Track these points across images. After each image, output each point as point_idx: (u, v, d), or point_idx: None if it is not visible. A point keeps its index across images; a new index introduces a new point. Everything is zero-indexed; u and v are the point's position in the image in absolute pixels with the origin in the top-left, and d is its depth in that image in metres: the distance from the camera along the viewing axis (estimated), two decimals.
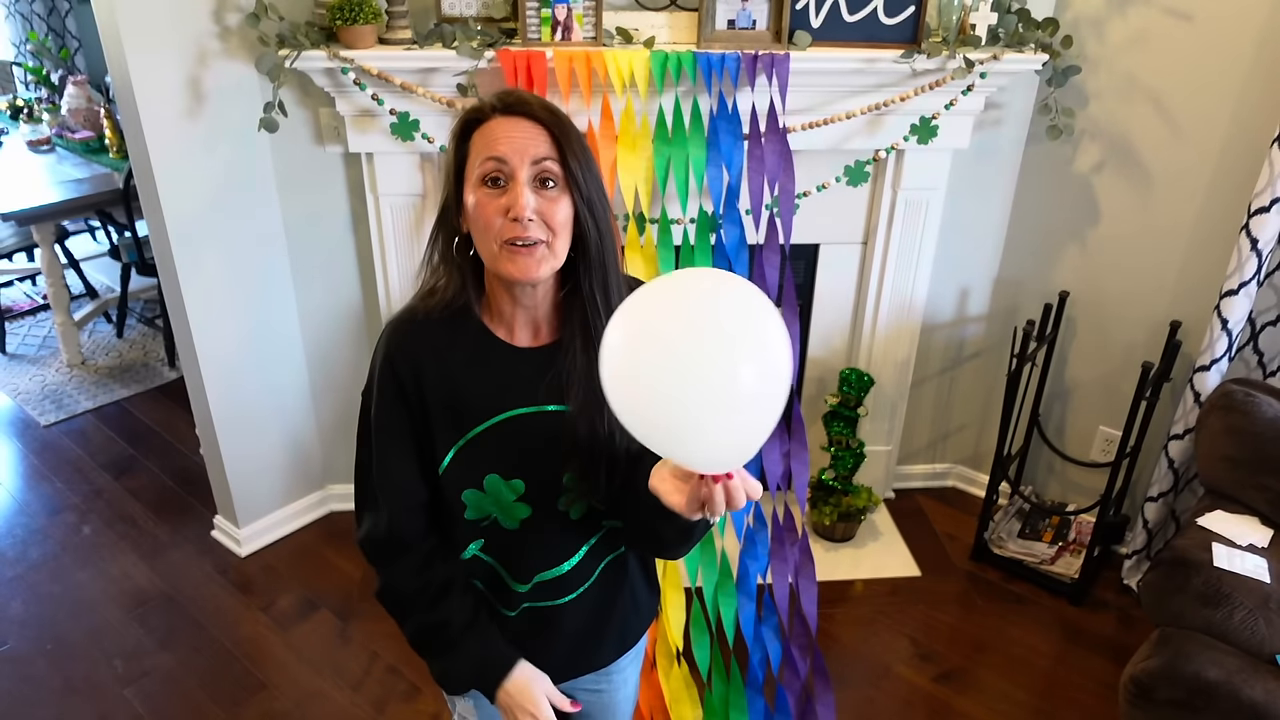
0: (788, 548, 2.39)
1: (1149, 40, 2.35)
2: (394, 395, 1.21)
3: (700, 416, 0.90)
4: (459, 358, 1.20)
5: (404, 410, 1.21)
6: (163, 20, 2.15)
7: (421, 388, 1.20)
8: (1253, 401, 2.17)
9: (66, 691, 2.34)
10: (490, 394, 1.20)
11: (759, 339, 0.90)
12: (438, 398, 1.20)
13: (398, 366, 1.20)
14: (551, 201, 1.12)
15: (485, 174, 1.12)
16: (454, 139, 1.16)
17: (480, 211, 1.12)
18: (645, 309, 0.93)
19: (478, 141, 1.13)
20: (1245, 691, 1.75)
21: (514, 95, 1.15)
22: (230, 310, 2.53)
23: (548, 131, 1.12)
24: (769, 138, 2.29)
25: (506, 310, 1.21)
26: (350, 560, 2.77)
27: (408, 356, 1.20)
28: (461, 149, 1.15)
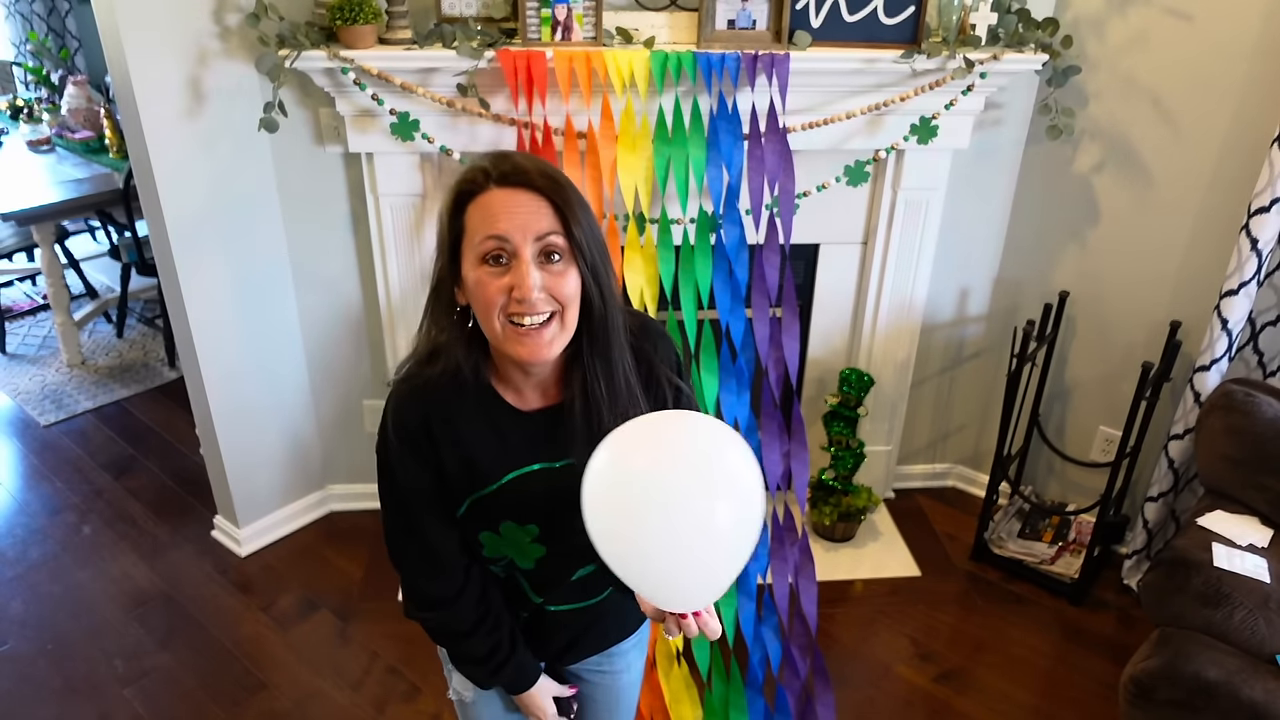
0: (788, 548, 2.39)
1: (1149, 40, 2.35)
2: (413, 456, 1.20)
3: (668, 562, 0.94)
4: (467, 422, 1.19)
5: (426, 475, 1.21)
6: (163, 20, 2.15)
7: (436, 447, 1.19)
8: (1253, 401, 2.17)
9: (66, 691, 2.34)
10: (500, 455, 1.20)
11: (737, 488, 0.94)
12: (451, 457, 1.19)
13: (411, 430, 1.19)
14: (558, 276, 1.08)
15: (486, 253, 1.07)
16: (447, 210, 1.11)
17: (482, 290, 1.08)
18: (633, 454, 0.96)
19: (475, 216, 1.08)
20: (1245, 691, 1.75)
21: (510, 163, 1.08)
22: (230, 310, 2.53)
23: (549, 202, 1.07)
24: (769, 138, 2.29)
25: (517, 379, 1.20)
26: (350, 560, 2.77)
27: (419, 421, 1.18)
28: (456, 222, 1.10)
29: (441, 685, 2.34)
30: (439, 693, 2.34)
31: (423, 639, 2.46)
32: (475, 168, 1.10)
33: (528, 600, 1.35)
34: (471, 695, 1.48)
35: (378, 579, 2.70)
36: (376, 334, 2.69)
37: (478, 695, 1.47)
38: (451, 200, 1.10)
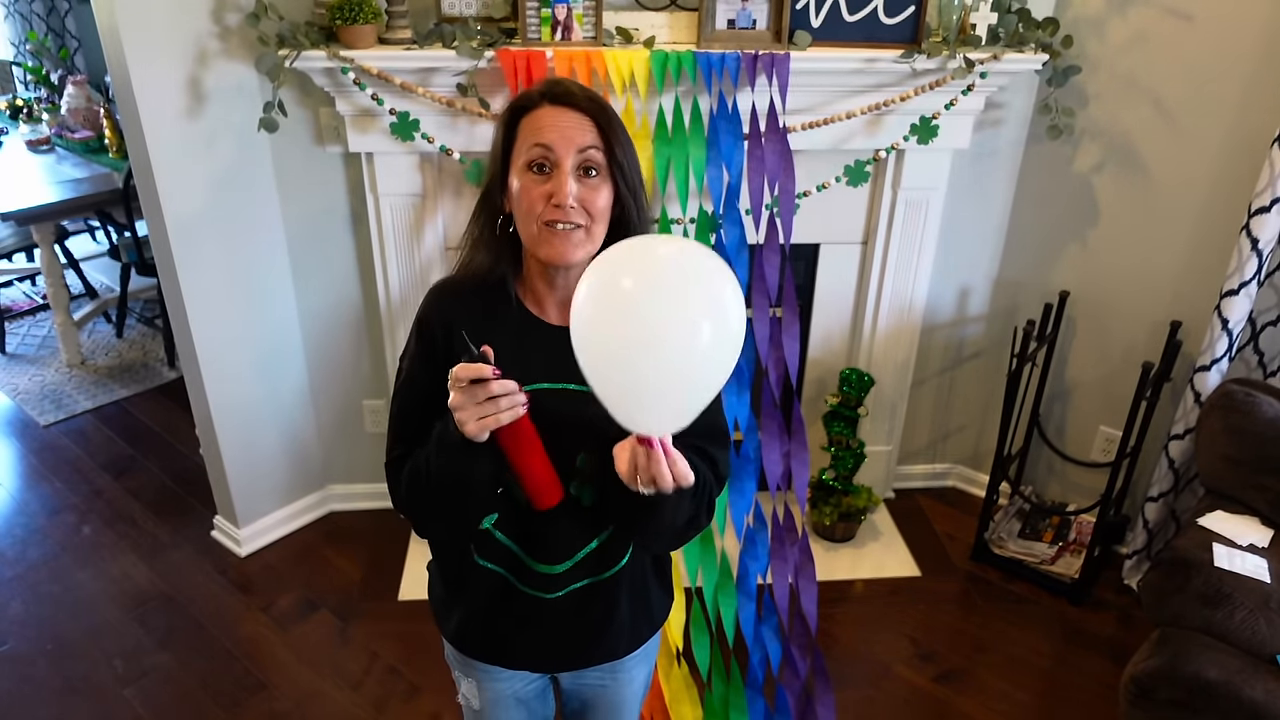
0: (788, 548, 2.39)
1: (1149, 40, 2.35)
2: (424, 355, 1.25)
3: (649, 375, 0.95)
4: (491, 327, 1.22)
5: (429, 370, 1.24)
6: (162, 20, 2.15)
7: (450, 349, 1.21)
8: (1253, 401, 2.17)
9: (66, 691, 2.34)
10: (516, 366, 1.19)
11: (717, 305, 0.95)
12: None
13: (433, 328, 1.24)
14: (593, 190, 1.17)
15: (531, 160, 1.16)
16: (501, 124, 1.21)
17: (524, 195, 1.17)
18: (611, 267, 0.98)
19: (525, 128, 1.18)
20: (1245, 692, 1.75)
21: (561, 85, 1.19)
22: (230, 310, 2.52)
23: (593, 121, 1.17)
24: (769, 138, 2.29)
25: (541, 288, 1.26)
26: (350, 560, 2.77)
27: (443, 320, 1.23)
28: (509, 134, 1.19)
29: (441, 685, 2.34)
30: (439, 692, 2.33)
31: (422, 639, 2.47)
32: (529, 90, 1.21)
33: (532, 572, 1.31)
34: (479, 703, 1.46)
35: (378, 579, 2.70)
36: (376, 334, 2.69)
37: (485, 703, 1.46)
38: (506, 114, 1.20)
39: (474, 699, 1.47)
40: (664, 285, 0.95)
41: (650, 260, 0.99)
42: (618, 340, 0.96)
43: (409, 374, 1.28)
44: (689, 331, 0.94)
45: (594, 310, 0.97)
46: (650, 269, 0.97)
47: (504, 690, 1.46)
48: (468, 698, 1.48)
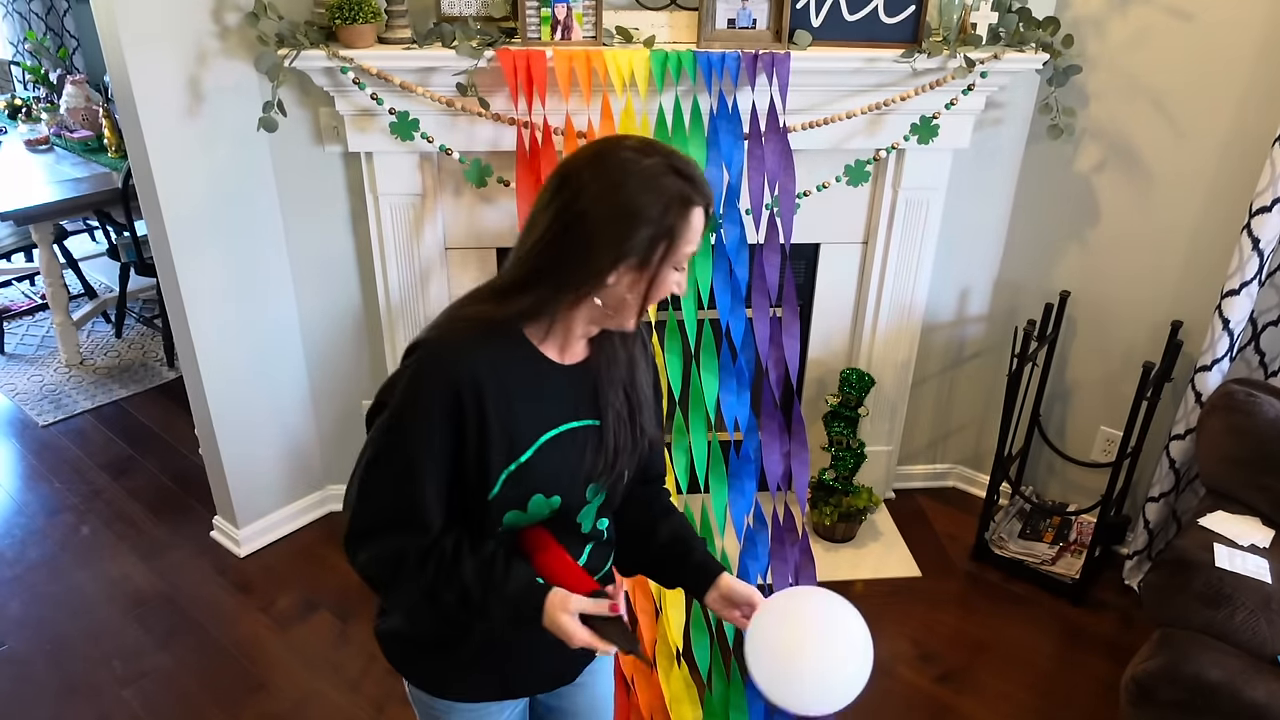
0: (788, 548, 2.39)
1: (1150, 40, 2.35)
2: (446, 420, 1.14)
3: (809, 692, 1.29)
4: (513, 378, 1.17)
5: (454, 438, 1.15)
6: (161, 19, 2.14)
7: (483, 412, 1.14)
8: (1254, 401, 2.17)
9: (66, 692, 2.33)
10: (539, 413, 1.20)
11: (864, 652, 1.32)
12: (497, 422, 1.15)
13: (462, 391, 1.12)
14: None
15: (681, 261, 1.17)
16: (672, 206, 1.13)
17: (662, 285, 1.17)
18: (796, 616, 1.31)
19: (691, 228, 1.15)
20: (1247, 692, 1.75)
21: (710, 195, 1.18)
22: (229, 310, 2.52)
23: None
24: (769, 137, 2.29)
25: (571, 334, 1.22)
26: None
27: (471, 380, 1.13)
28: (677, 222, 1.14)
29: None
30: None
31: None
32: (696, 179, 1.15)
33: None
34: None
35: None
36: (376, 334, 2.69)
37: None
38: (677, 204, 1.13)
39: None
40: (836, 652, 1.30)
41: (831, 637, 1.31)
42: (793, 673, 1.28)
43: (413, 457, 1.14)
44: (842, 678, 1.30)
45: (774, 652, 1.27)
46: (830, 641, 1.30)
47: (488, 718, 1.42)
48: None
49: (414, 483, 1.16)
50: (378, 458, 1.17)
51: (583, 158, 1.15)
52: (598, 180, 1.12)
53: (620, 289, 1.16)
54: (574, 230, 1.12)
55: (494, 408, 1.14)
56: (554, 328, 1.21)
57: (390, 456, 1.16)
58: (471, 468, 1.17)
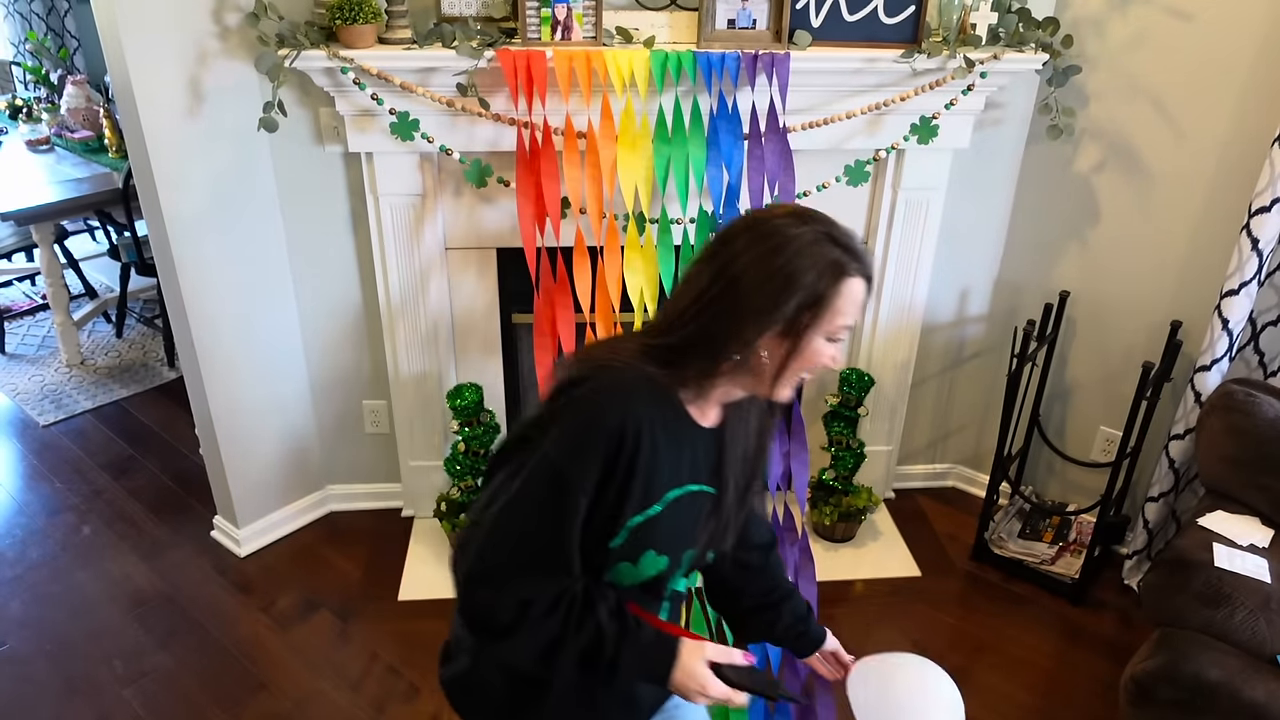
0: (788, 548, 2.39)
1: (1149, 40, 2.35)
2: (603, 463, 1.12)
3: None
4: (662, 433, 1.16)
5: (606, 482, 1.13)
6: (162, 19, 2.14)
7: (634, 461, 1.12)
8: (1253, 401, 2.17)
9: (66, 692, 2.33)
10: (674, 470, 1.19)
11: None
12: (641, 472, 1.14)
13: (625, 438, 1.11)
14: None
15: (834, 332, 1.16)
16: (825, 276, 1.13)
17: (817, 356, 1.16)
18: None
19: (843, 298, 1.14)
20: (1246, 692, 1.75)
21: (871, 263, 1.18)
22: (230, 310, 2.52)
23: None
24: (769, 137, 2.29)
25: (712, 396, 1.22)
26: (350, 560, 2.77)
27: (635, 428, 1.11)
28: (827, 290, 1.13)
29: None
30: (439, 693, 2.32)
31: (422, 639, 2.47)
32: (855, 249, 1.16)
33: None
34: None
35: (378, 579, 2.69)
36: (376, 334, 2.69)
37: None
38: (830, 272, 1.13)
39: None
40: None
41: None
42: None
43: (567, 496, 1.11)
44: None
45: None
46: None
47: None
48: None
49: (564, 523, 1.12)
50: (527, 494, 1.12)
51: (739, 224, 1.17)
52: (753, 246, 1.13)
53: (769, 356, 1.15)
54: (728, 294, 1.13)
55: (643, 459, 1.13)
56: (707, 392, 1.21)
57: (543, 494, 1.12)
58: (604, 513, 1.14)
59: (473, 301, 2.62)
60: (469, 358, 2.71)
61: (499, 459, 1.20)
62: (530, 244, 2.30)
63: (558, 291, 2.36)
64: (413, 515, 2.92)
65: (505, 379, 2.75)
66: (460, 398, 2.56)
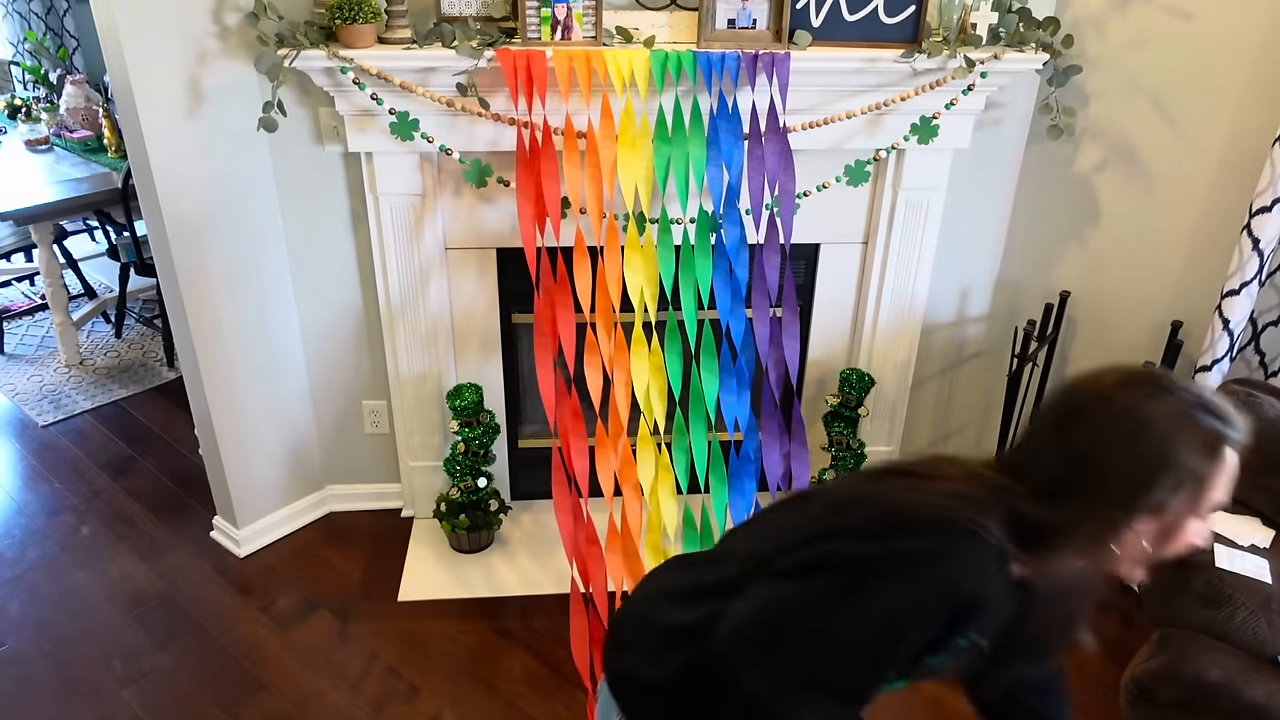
0: None
1: (1150, 40, 2.35)
2: (942, 628, 1.07)
3: None
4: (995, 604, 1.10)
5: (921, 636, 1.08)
6: (161, 19, 2.14)
7: (966, 628, 1.09)
8: (1254, 402, 2.17)
9: (65, 692, 2.33)
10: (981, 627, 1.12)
11: None
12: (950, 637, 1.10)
13: (971, 614, 1.06)
14: None
15: (1207, 511, 1.07)
16: (1202, 455, 1.05)
17: (1189, 537, 1.08)
18: None
19: (1223, 473, 1.06)
20: (1246, 692, 1.75)
21: (1244, 430, 1.09)
22: (229, 310, 2.52)
23: None
24: (769, 137, 2.29)
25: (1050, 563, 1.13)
26: (349, 560, 2.77)
27: (981, 608, 1.07)
28: (1204, 470, 1.06)
29: (441, 685, 2.34)
30: (438, 693, 2.33)
31: (422, 640, 2.46)
32: (1229, 416, 1.08)
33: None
34: None
35: (378, 579, 2.69)
36: (376, 334, 2.69)
37: None
38: (1206, 447, 1.06)
39: None
40: None
41: None
42: None
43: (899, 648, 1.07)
44: None
45: None
46: None
47: None
48: None
49: (885, 668, 1.09)
50: (859, 626, 1.07)
51: (1085, 398, 1.08)
52: (1109, 427, 1.04)
53: (1136, 538, 1.06)
54: (1091, 482, 1.05)
55: (965, 635, 1.10)
56: (1040, 559, 1.11)
57: (877, 636, 1.07)
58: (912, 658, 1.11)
59: (473, 301, 2.62)
60: (469, 358, 2.70)
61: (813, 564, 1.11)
62: (530, 244, 2.30)
63: (558, 291, 2.36)
64: (412, 516, 2.92)
65: (505, 379, 2.75)
66: (460, 398, 2.56)
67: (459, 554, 2.77)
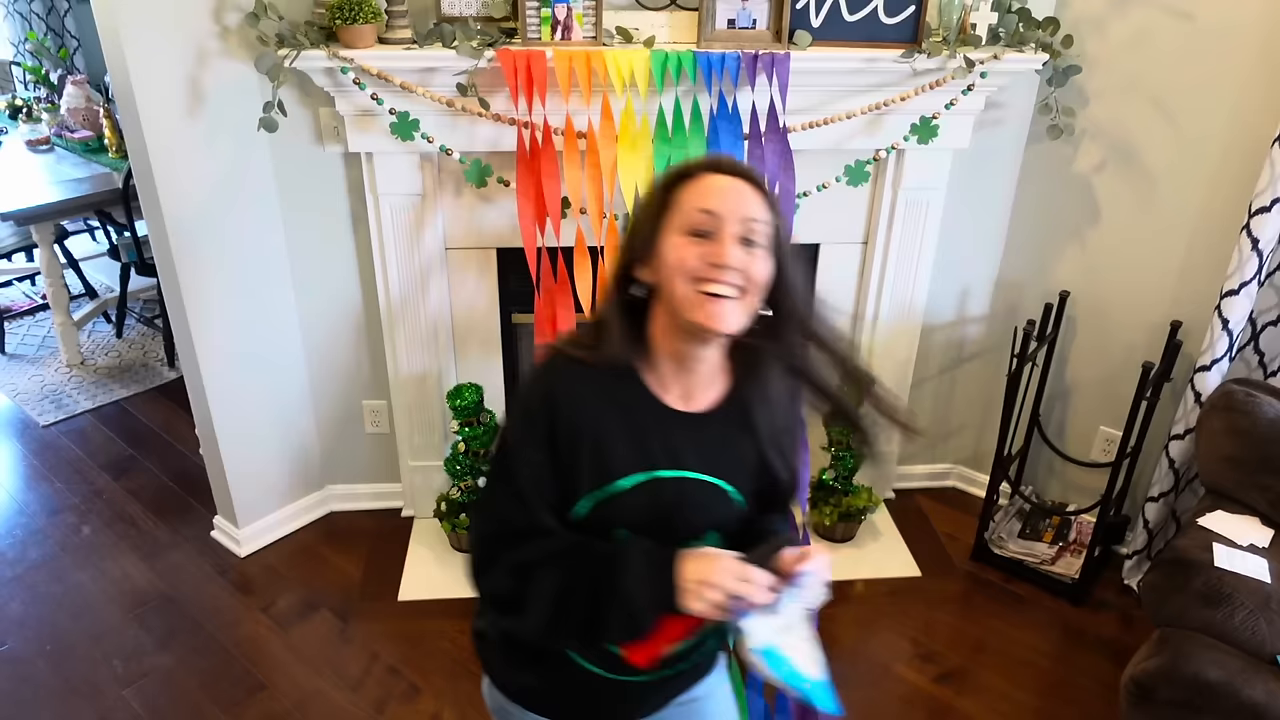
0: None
1: (1149, 40, 2.35)
2: (545, 435, 1.18)
3: None
4: (616, 411, 1.19)
5: (549, 454, 1.18)
6: (162, 19, 2.14)
7: (574, 434, 1.17)
8: (1253, 401, 2.17)
9: (66, 692, 2.33)
10: (639, 453, 1.20)
11: None
12: (589, 447, 1.18)
13: (560, 407, 1.17)
14: (754, 257, 1.15)
15: (693, 224, 1.14)
16: (658, 188, 1.18)
17: (677, 254, 1.14)
18: None
19: (687, 194, 1.16)
20: (1246, 692, 1.75)
21: (728, 159, 1.19)
22: (230, 310, 2.52)
23: (758, 192, 1.17)
24: (769, 137, 2.29)
25: (667, 370, 1.22)
26: (350, 560, 2.77)
27: (570, 400, 1.18)
28: (664, 198, 1.17)
29: (441, 685, 2.34)
30: (439, 693, 2.33)
31: (423, 639, 2.46)
32: (690, 161, 1.19)
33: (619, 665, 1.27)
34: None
35: (378, 579, 2.69)
36: (376, 334, 2.69)
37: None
38: (666, 180, 1.18)
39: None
40: None
41: None
42: None
43: (527, 457, 1.18)
44: None
45: None
46: None
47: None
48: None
49: (520, 484, 1.19)
50: (490, 478, 1.23)
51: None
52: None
53: (662, 268, 1.16)
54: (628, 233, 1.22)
55: (586, 431, 1.17)
56: (655, 364, 1.21)
57: (501, 474, 1.21)
58: (562, 482, 1.19)
59: (473, 301, 2.62)
60: (469, 358, 2.71)
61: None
62: (530, 244, 2.30)
63: (558, 291, 2.36)
64: (413, 515, 2.92)
65: (505, 379, 2.75)
66: (460, 398, 2.56)
67: (459, 554, 2.77)
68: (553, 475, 1.19)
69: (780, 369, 1.25)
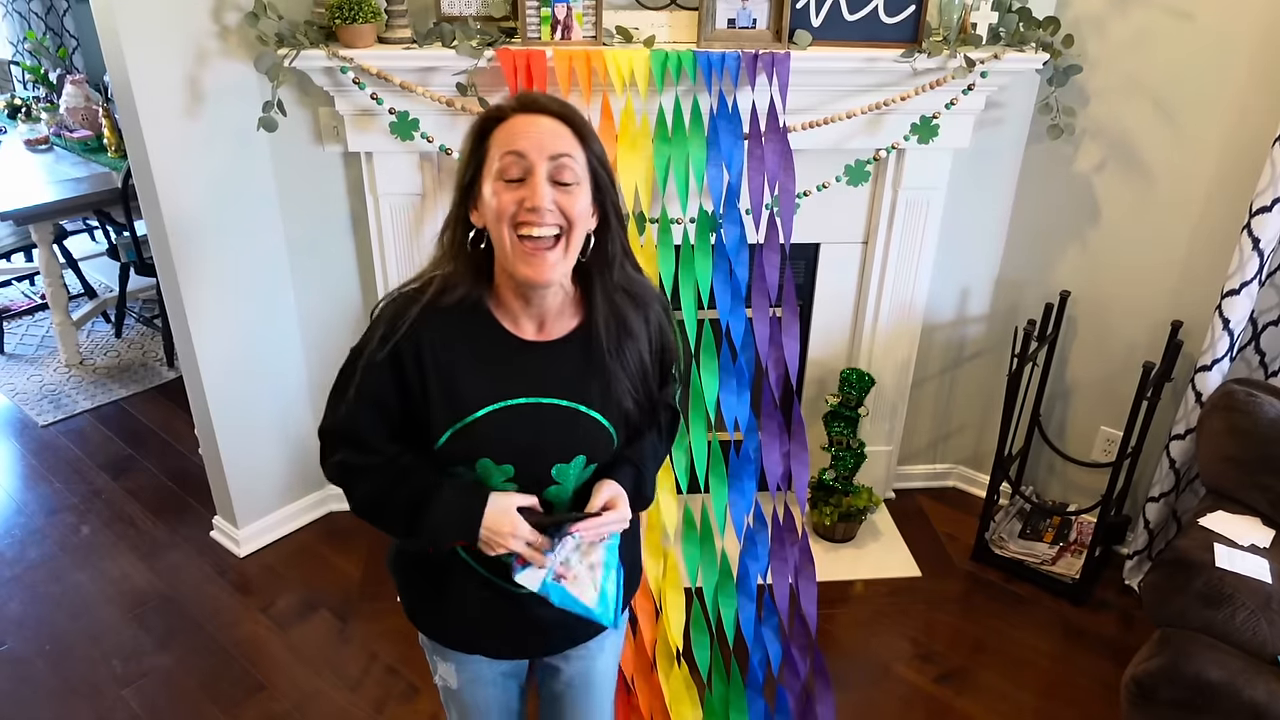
0: (788, 548, 2.39)
1: (1150, 39, 2.34)
2: (387, 370, 1.23)
3: None
4: (463, 346, 1.23)
5: (393, 387, 1.24)
6: (161, 19, 2.14)
7: (422, 368, 1.22)
8: (1254, 401, 2.17)
9: (65, 692, 2.33)
10: (491, 383, 1.24)
11: None
12: (438, 381, 1.22)
13: (400, 345, 1.22)
14: (569, 194, 1.17)
15: (504, 169, 1.15)
16: (472, 138, 1.20)
17: (496, 201, 1.16)
18: None
19: (496, 139, 1.17)
20: (1247, 692, 1.75)
21: (529, 95, 1.20)
22: (229, 310, 2.52)
23: (565, 126, 1.17)
24: (769, 137, 2.29)
25: (515, 305, 1.25)
26: (349, 560, 2.77)
27: (411, 337, 1.22)
28: (479, 149, 1.19)
29: None
30: (438, 693, 2.33)
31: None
32: (498, 104, 1.20)
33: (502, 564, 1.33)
34: (456, 683, 1.48)
35: (377, 579, 2.69)
36: None
37: (462, 683, 1.47)
38: (477, 128, 1.19)
39: (451, 680, 1.49)
40: None
41: None
42: None
43: (365, 380, 1.25)
44: None
45: None
46: None
47: (482, 671, 1.48)
48: (445, 679, 1.50)
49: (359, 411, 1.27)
50: (337, 379, 1.31)
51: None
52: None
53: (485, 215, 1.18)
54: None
55: (433, 366, 1.22)
56: (500, 295, 1.25)
57: (343, 383, 1.29)
58: (419, 417, 1.25)
59: None
60: None
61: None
62: None
63: None
64: None
65: None
66: None
67: None
68: (399, 402, 1.24)
69: (624, 293, 1.28)
